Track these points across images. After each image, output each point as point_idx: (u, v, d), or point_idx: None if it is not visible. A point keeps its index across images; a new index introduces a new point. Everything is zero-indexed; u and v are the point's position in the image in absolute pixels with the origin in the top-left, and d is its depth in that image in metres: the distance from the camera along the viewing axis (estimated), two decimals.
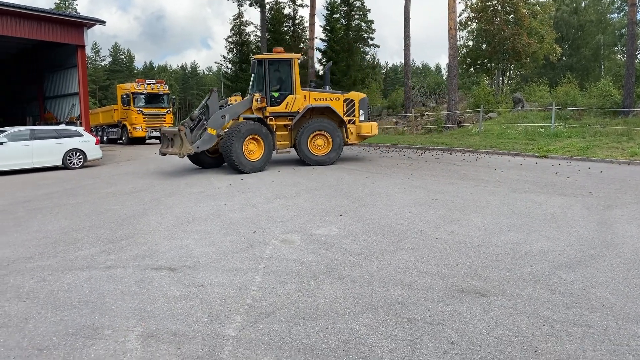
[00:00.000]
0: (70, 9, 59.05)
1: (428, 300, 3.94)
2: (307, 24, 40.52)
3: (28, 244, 6.05)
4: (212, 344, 3.28)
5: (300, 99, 13.50)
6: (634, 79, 21.30)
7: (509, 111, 25.01)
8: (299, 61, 14.75)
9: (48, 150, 14.39)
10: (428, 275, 4.53)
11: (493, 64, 34.41)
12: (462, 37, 37.50)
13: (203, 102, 12.78)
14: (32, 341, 3.39)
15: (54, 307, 4.00)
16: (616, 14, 41.82)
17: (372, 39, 48.40)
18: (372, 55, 55.27)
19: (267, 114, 13.24)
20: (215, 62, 65.11)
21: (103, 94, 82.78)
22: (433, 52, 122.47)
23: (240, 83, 45.69)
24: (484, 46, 33.97)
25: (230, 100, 13.42)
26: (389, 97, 42.48)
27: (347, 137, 14.18)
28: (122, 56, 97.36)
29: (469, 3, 30.85)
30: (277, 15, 42.35)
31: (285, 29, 43.12)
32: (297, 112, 13.32)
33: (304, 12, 51.36)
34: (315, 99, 13.76)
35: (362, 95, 14.71)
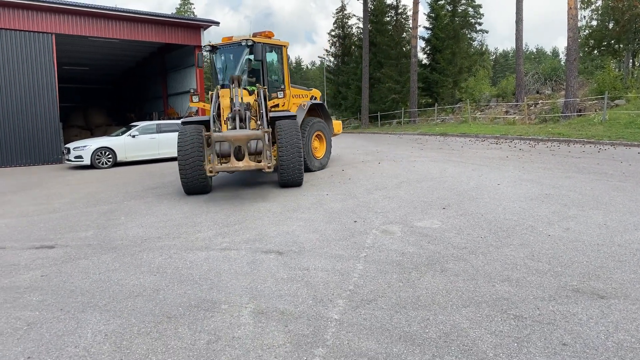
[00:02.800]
0: (189, 12, 64.25)
1: (538, 299, 3.74)
2: (410, 13, 39.61)
3: (156, 225, 6.83)
4: (316, 324, 3.47)
5: (289, 95, 11.22)
6: None
7: (639, 97, 22.22)
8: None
9: (171, 142, 15.94)
10: (538, 273, 4.29)
11: (622, 45, 30.71)
12: (584, 16, 33.98)
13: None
14: (163, 309, 3.87)
15: (179, 281, 4.50)
16: None
17: (480, 24, 45.94)
18: (480, 42, 52.49)
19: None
20: (319, 57, 66.48)
21: None
22: (550, 34, 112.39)
23: (342, 76, 46.21)
24: (610, 25, 30.44)
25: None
26: (498, 84, 40.04)
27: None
28: None
29: None
30: (380, 5, 41.94)
31: (388, 19, 42.57)
32: (288, 111, 10.90)
33: (407, 1, 50.22)
34: (293, 95, 11.84)
35: (319, 93, 13.49)
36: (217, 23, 21.45)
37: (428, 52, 41.31)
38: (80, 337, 3.44)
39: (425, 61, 41.60)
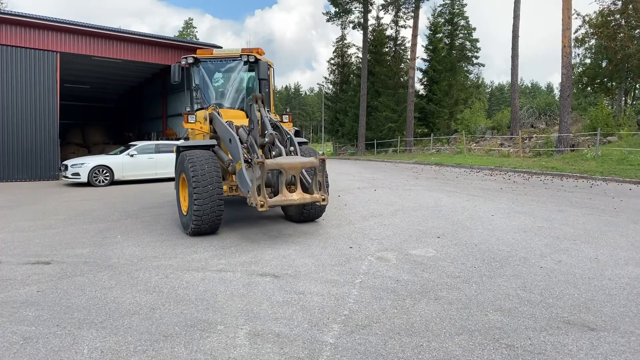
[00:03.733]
0: (192, 36, 65.35)
1: (529, 329, 3.81)
2: (408, 44, 40.54)
3: (153, 245, 6.86)
4: (311, 348, 3.51)
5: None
6: None
7: (632, 135, 22.67)
8: None
9: (169, 162, 16.04)
10: (530, 304, 4.37)
11: (614, 83, 31.49)
12: (578, 54, 34.96)
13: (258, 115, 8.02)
14: (159, 328, 3.89)
15: (176, 301, 4.53)
16: None
17: (476, 57, 46.99)
18: (477, 74, 53.56)
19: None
20: (318, 84, 67.51)
21: None
22: (544, 70, 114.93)
23: (339, 103, 46.85)
24: (603, 64, 31.28)
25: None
26: (493, 117, 40.72)
27: None
28: None
29: (587, 19, 28.74)
30: (379, 36, 42.95)
31: (387, 49, 43.52)
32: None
33: (406, 33, 51.49)
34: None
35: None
36: (219, 47, 21.87)
37: (425, 83, 42.13)
38: (77, 353, 3.45)
39: (422, 92, 42.37)
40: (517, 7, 28.85)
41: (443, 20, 44.40)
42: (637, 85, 33.98)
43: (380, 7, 42.62)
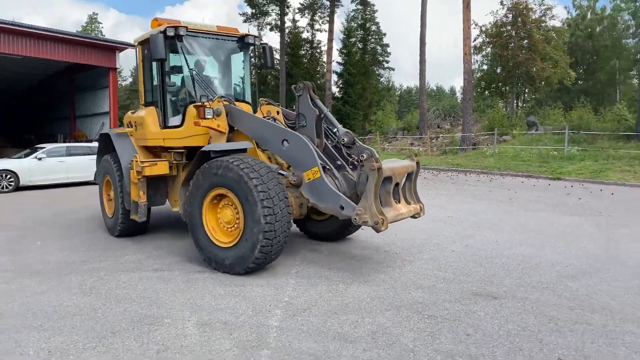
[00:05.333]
0: (96, 32, 61.41)
1: (446, 301, 4.42)
2: (324, 48, 41.69)
3: (79, 249, 6.67)
4: (258, 331, 3.81)
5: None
6: None
7: (523, 134, 25.42)
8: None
9: (82, 166, 15.19)
10: (445, 281, 5.02)
11: (507, 88, 34.91)
12: (477, 60, 38.21)
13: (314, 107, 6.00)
14: (104, 326, 3.96)
15: (116, 300, 4.57)
16: (631, 40, 42.19)
17: (387, 62, 49.44)
18: (387, 78, 56.30)
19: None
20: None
21: (123, 113, 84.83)
22: (447, 74, 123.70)
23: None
24: (498, 70, 34.55)
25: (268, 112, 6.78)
26: (404, 118, 43.16)
27: None
28: None
29: (483, 28, 31.59)
30: (296, 39, 43.65)
31: (303, 52, 44.35)
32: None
33: (322, 37, 52.82)
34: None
35: None
36: (134, 46, 20.93)
37: (341, 86, 43.50)
38: (22, 355, 3.45)
39: (337, 94, 43.71)
40: (423, 16, 30.93)
41: (356, 25, 46.17)
42: (526, 90, 37.90)
43: (297, 10, 43.35)
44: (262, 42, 7.44)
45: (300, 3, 42.05)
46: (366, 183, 4.89)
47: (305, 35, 44.90)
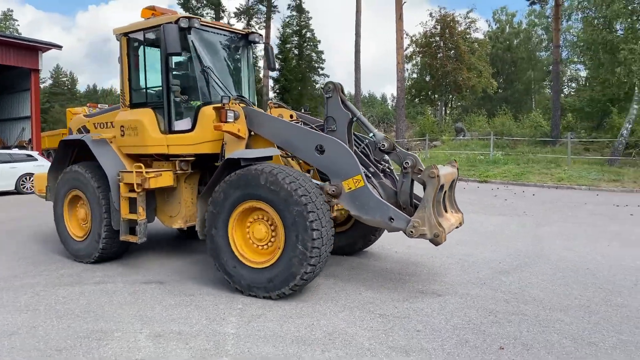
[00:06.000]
0: (11, 29, 56.96)
1: (395, 300, 4.64)
2: (261, 53, 41.55)
3: (7, 265, 6.20)
4: (215, 339, 3.79)
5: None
6: (560, 112, 23.70)
7: (451, 140, 26.87)
8: None
9: (6, 174, 14.07)
10: (392, 281, 5.25)
11: (436, 96, 36.75)
12: (408, 69, 39.90)
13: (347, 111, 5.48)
14: (48, 344, 3.74)
15: (57, 316, 4.33)
16: (544, 53, 46.02)
17: (322, 68, 50.14)
18: (322, 84, 57.06)
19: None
20: None
21: (42, 117, 79.24)
22: (378, 82, 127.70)
23: None
24: (427, 79, 36.29)
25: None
26: None
27: None
28: (64, 78, 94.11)
29: (414, 39, 33.07)
30: None
31: None
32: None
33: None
34: None
35: None
36: (59, 47, 19.70)
37: (277, 91, 43.55)
38: None
39: (275, 100, 43.69)
40: (358, 25, 31.80)
41: (291, 31, 46.47)
42: (453, 98, 40.11)
43: (233, 15, 42.88)
44: (265, 41, 6.87)
45: (236, 7, 41.66)
46: (409, 191, 4.88)
47: None
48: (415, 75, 40.46)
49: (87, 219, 6.19)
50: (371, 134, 5.55)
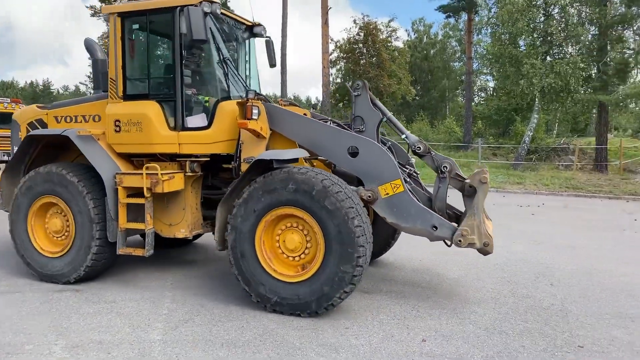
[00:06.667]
0: None
1: None
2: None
3: None
4: (141, 347, 3.64)
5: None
6: (471, 119, 25.50)
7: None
8: None
9: None
10: None
11: None
12: (332, 73, 40.68)
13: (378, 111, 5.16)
14: None
15: None
16: (457, 63, 49.15)
17: None
18: None
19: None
20: (81, 82, 60.09)
21: None
22: (304, 85, 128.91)
23: None
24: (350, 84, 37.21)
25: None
26: None
27: None
28: None
29: (338, 44, 33.77)
30: None
31: None
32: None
33: None
34: None
35: None
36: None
37: None
38: None
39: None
40: (284, 27, 31.91)
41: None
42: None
43: None
44: (266, 35, 6.29)
45: None
46: (445, 197, 4.70)
47: None
48: (339, 80, 41.40)
49: (65, 230, 5.25)
50: (403, 136, 5.20)
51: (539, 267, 6.05)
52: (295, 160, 4.74)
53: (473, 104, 31.20)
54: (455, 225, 4.39)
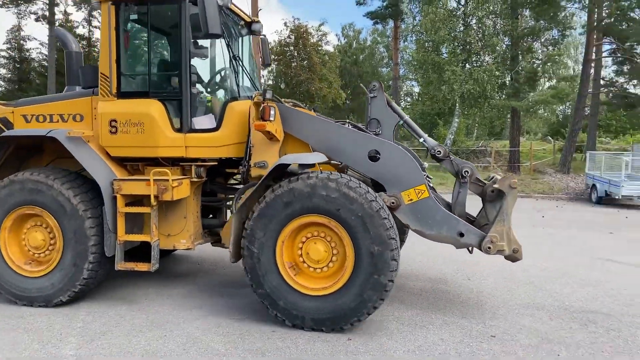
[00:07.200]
0: None
1: (253, 303, 4.67)
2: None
3: None
4: None
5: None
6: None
7: None
8: None
9: None
10: (246, 286, 5.26)
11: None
12: (264, 75, 40.48)
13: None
14: None
15: None
16: (385, 69, 50.81)
17: None
18: None
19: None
20: None
21: None
22: None
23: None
24: (282, 86, 37.28)
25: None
26: None
27: None
28: None
29: (269, 46, 33.71)
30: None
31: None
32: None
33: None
34: None
35: None
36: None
37: None
38: None
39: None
40: None
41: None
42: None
43: (71, 3, 38.50)
44: (262, 34, 5.89)
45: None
46: (465, 202, 4.57)
47: (80, 30, 40.19)
48: (270, 82, 41.27)
49: (48, 245, 4.64)
50: (421, 139, 4.96)
51: (457, 264, 6.38)
52: (313, 165, 4.44)
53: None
54: (481, 231, 4.28)
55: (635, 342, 3.95)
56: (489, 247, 4.17)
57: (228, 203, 5.39)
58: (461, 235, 4.23)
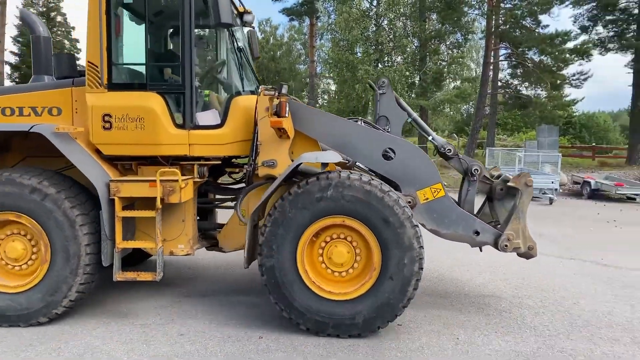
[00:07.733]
0: None
1: (158, 307, 4.48)
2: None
3: None
4: None
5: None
6: None
7: None
8: None
9: None
10: (154, 288, 5.02)
11: None
12: None
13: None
14: None
15: None
16: (302, 66, 51.12)
17: (77, 59, 44.54)
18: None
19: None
20: None
21: None
22: None
23: None
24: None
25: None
26: None
27: None
28: None
29: None
30: None
31: None
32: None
33: None
34: None
35: None
36: None
37: (17, 80, 36.79)
38: None
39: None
40: None
41: (36, 12, 39.84)
42: None
43: None
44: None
45: None
46: (474, 200, 4.50)
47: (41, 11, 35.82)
48: None
49: (29, 257, 4.07)
50: (430, 137, 4.89)
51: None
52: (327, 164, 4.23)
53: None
54: (496, 230, 4.33)
55: (524, 321, 4.33)
56: (506, 245, 4.21)
57: (229, 204, 5.06)
58: (477, 233, 4.28)
